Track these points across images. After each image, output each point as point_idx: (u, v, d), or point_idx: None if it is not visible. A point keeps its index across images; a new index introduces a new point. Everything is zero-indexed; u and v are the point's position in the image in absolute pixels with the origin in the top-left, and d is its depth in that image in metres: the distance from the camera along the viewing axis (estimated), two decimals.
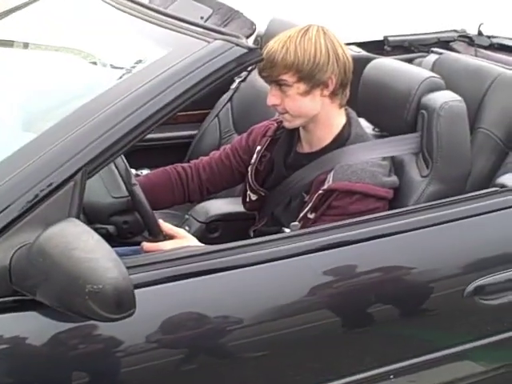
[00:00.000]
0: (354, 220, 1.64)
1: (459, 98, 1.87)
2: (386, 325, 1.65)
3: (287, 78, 1.77)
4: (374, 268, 1.62)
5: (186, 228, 2.26)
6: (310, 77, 1.77)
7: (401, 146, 1.88)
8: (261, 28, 2.48)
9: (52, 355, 1.36)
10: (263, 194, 2.00)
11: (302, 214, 1.80)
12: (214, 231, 2.29)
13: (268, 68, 1.79)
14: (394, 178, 1.84)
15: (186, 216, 2.31)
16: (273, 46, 1.80)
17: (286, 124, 1.88)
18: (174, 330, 1.45)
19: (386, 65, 2.06)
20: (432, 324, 1.69)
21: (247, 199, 2.04)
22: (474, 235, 1.73)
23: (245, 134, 2.09)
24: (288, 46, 1.77)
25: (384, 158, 1.84)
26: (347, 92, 1.86)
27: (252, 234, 2.04)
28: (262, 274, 1.53)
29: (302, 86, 1.78)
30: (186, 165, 2.07)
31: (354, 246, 1.59)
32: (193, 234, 2.02)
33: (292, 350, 1.56)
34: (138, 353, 1.41)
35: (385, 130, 2.03)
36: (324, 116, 1.84)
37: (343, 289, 1.60)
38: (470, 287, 1.67)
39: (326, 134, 1.87)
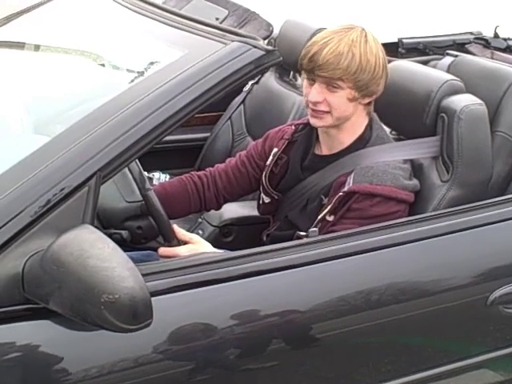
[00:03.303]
0: (374, 226, 1.61)
1: (480, 101, 1.84)
2: (405, 334, 1.62)
3: (344, 82, 1.75)
4: (393, 276, 1.59)
5: (200, 232, 2.24)
6: (365, 87, 1.76)
7: (421, 150, 1.85)
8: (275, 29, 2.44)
9: (64, 364, 1.32)
10: (276, 197, 1.97)
11: (320, 217, 1.77)
12: (228, 235, 2.27)
13: (331, 70, 1.74)
14: (415, 182, 1.81)
15: (200, 220, 2.29)
16: (338, 45, 1.74)
17: (317, 123, 1.82)
18: (189, 339, 1.41)
19: (404, 67, 2.02)
20: (454, 333, 1.66)
21: (260, 202, 2.01)
22: (498, 242, 1.70)
23: (260, 140, 2.06)
24: (354, 53, 1.73)
25: (405, 161, 1.81)
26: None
27: (265, 238, 2.01)
28: (280, 281, 1.50)
29: (353, 93, 1.76)
30: (201, 173, 2.04)
31: (373, 253, 1.56)
32: (206, 238, 1.99)
33: (307, 359, 1.53)
34: (154, 362, 1.38)
35: (402, 133, 1.99)
36: (352, 122, 1.82)
37: (359, 297, 1.56)
38: (494, 295, 1.64)
39: (348, 137, 1.85)
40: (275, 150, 1.97)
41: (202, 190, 2.00)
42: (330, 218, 1.76)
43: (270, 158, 1.97)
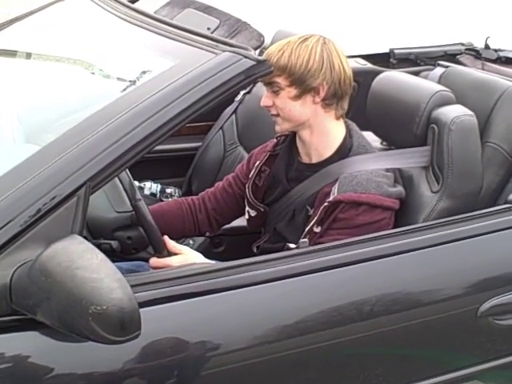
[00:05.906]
0: (365, 237, 1.61)
1: (470, 112, 1.84)
2: (396, 345, 1.61)
3: (280, 80, 1.79)
4: (384, 287, 1.58)
5: (190, 242, 2.23)
6: (301, 82, 1.78)
7: (409, 159, 1.86)
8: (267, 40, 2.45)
9: (51, 376, 1.31)
10: (262, 209, 1.97)
11: (307, 228, 1.77)
12: (219, 246, 2.27)
13: None
14: (399, 189, 1.81)
15: None
16: (271, 48, 1.83)
17: (277, 128, 1.89)
18: (181, 350, 1.40)
19: (395, 78, 2.03)
20: (444, 344, 1.66)
21: (247, 216, 2.01)
22: (488, 253, 1.70)
23: (245, 160, 2.09)
24: (284, 50, 1.79)
25: (388, 169, 1.82)
26: (344, 104, 1.84)
27: (255, 250, 2.00)
28: (271, 292, 1.49)
29: (293, 90, 1.79)
30: (194, 197, 2.08)
31: (364, 264, 1.56)
32: (197, 248, 1.99)
33: (297, 370, 1.52)
34: (144, 373, 1.37)
35: (393, 143, 1.99)
36: (318, 125, 1.83)
37: (351, 308, 1.56)
38: (484, 307, 1.63)
39: (325, 146, 1.85)
40: (257, 162, 1.99)
41: (195, 211, 2.03)
42: (317, 230, 1.76)
43: (253, 170, 1.98)
